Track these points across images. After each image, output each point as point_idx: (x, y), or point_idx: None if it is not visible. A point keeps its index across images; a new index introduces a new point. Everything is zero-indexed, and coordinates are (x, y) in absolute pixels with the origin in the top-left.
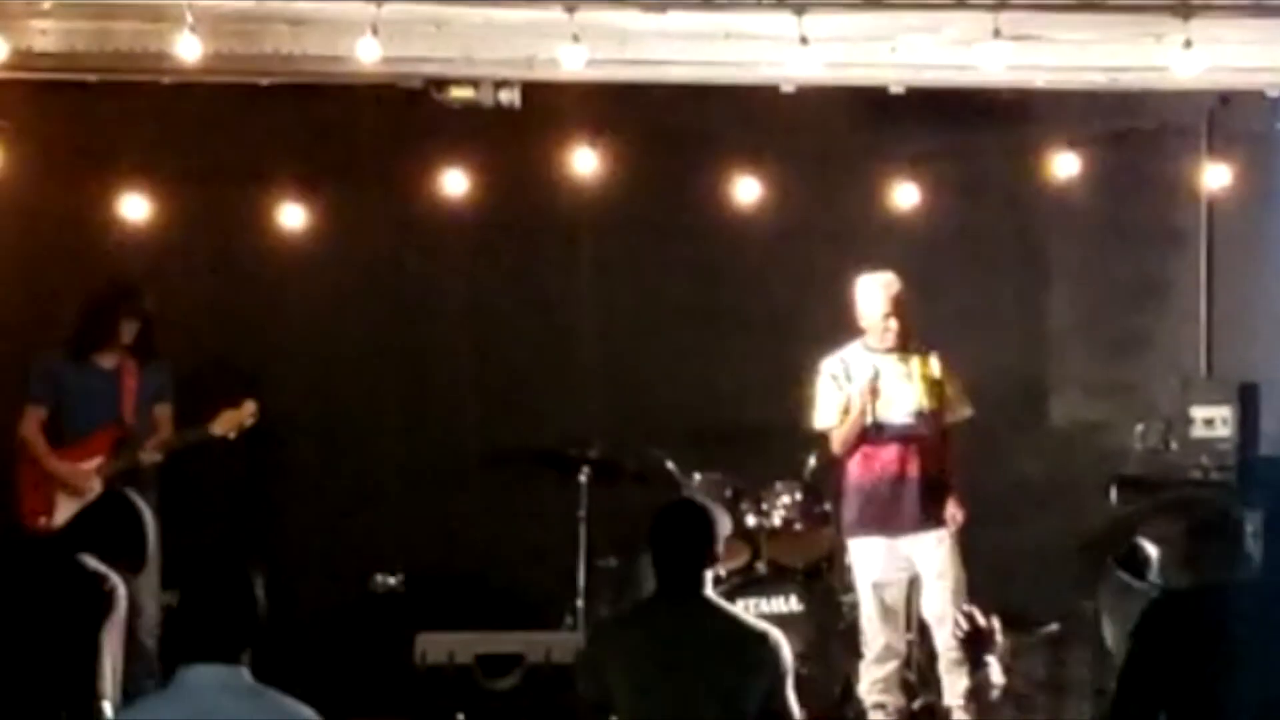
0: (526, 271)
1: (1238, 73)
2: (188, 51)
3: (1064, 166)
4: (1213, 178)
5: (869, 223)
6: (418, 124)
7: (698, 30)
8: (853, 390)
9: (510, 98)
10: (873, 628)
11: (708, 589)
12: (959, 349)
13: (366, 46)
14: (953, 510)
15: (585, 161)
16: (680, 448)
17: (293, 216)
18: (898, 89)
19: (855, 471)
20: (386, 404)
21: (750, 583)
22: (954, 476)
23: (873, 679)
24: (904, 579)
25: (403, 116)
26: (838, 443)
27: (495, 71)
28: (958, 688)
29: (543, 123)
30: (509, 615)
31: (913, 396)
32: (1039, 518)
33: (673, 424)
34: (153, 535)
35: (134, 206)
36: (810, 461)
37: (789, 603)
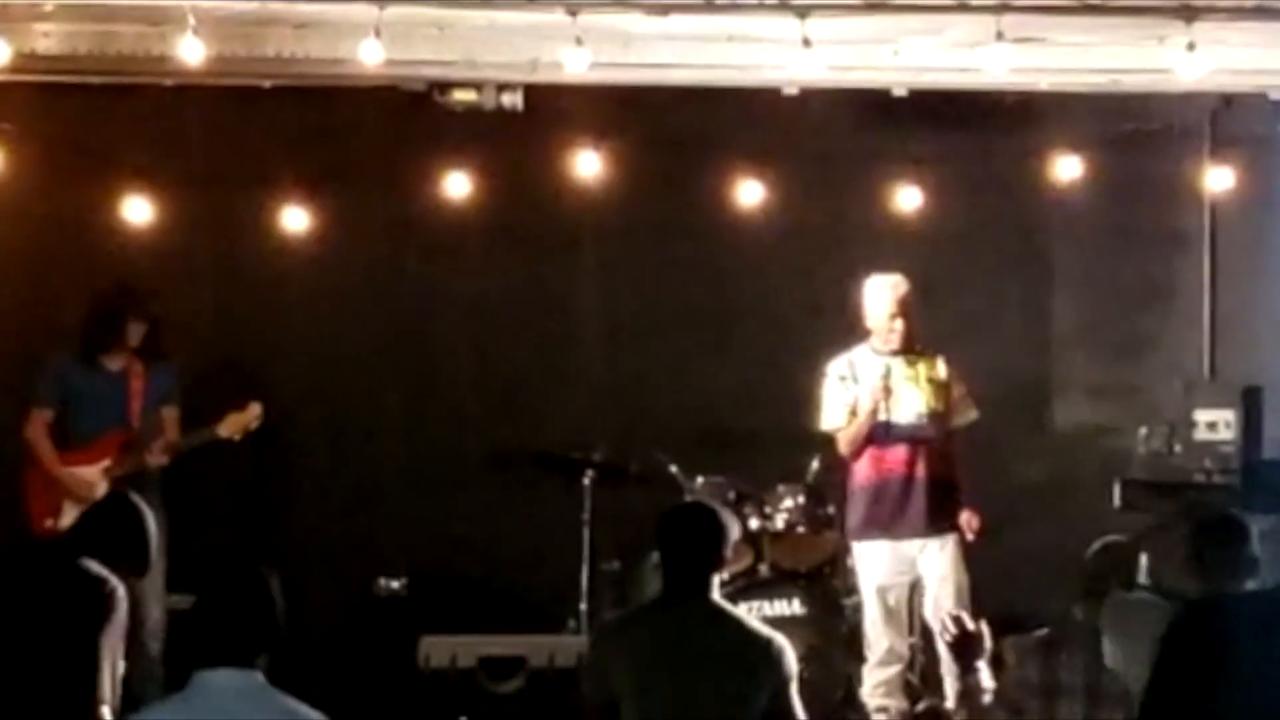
0: (529, 274)
1: (1241, 75)
2: (190, 54)
3: (1067, 169)
4: (1216, 180)
5: (872, 225)
6: (420, 127)
7: (700, 33)
8: (862, 390)
9: (513, 101)
10: (876, 631)
11: (714, 592)
12: (962, 352)
13: (369, 49)
14: (968, 517)
15: (588, 164)
16: (683, 450)
17: (295, 219)
18: (900, 92)
19: (862, 473)
20: (389, 407)
21: (753, 585)
22: (961, 480)
23: (875, 682)
24: (906, 582)
25: (405, 119)
26: (845, 444)
27: (498, 74)
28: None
29: (545, 125)
30: (512, 618)
31: (920, 399)
32: (1041, 520)
33: (676, 427)
34: (155, 539)
35: (137, 209)
36: (813, 464)
37: (791, 606)
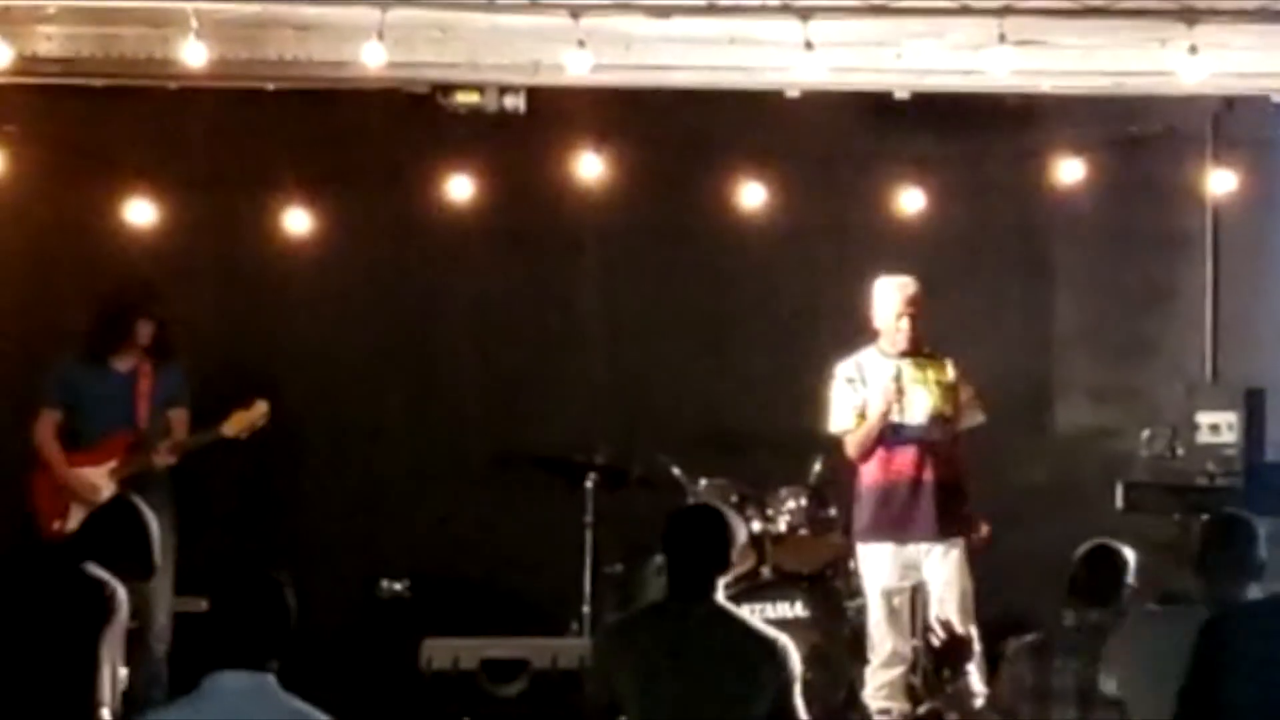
0: (532, 276)
1: (1243, 78)
2: (193, 57)
3: (1069, 171)
4: (1218, 183)
5: (874, 228)
6: (423, 129)
7: (702, 35)
8: (870, 393)
9: (515, 103)
10: (880, 632)
11: (719, 594)
12: (963, 354)
13: (372, 51)
14: (985, 530)
15: (590, 166)
16: (686, 453)
17: (298, 221)
18: (903, 94)
19: (870, 475)
20: (392, 409)
21: (755, 588)
22: (968, 484)
23: (877, 684)
24: (911, 585)
25: (408, 121)
26: (854, 446)
27: (500, 77)
28: None
29: (548, 128)
30: (515, 621)
31: (929, 401)
32: (1043, 523)
33: (679, 429)
34: (158, 542)
35: (139, 211)
36: (815, 466)
37: (794, 608)
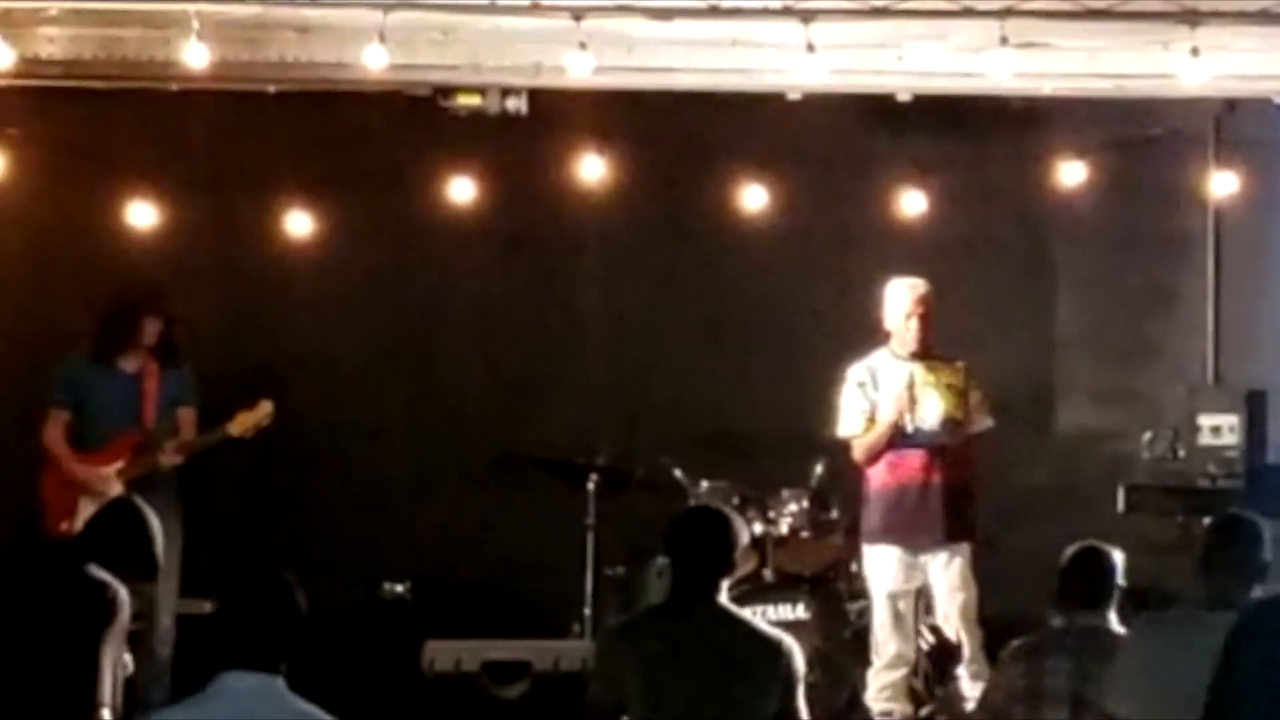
0: (534, 278)
1: (1244, 80)
2: (194, 59)
3: (1071, 174)
4: (1220, 185)
5: (876, 230)
6: (424, 131)
7: (704, 37)
8: (882, 397)
9: (517, 105)
10: (884, 635)
11: (722, 596)
12: (965, 356)
13: (373, 54)
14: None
15: (592, 168)
16: (688, 455)
17: (300, 223)
18: (905, 96)
19: (879, 478)
20: (394, 411)
21: (757, 590)
22: (977, 488)
23: (880, 685)
24: (916, 589)
25: (409, 124)
26: (863, 450)
27: (502, 79)
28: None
29: (549, 130)
30: (517, 623)
31: (939, 405)
32: (1045, 525)
33: (680, 431)
34: (160, 542)
35: (141, 213)
36: (817, 469)
37: (796, 610)
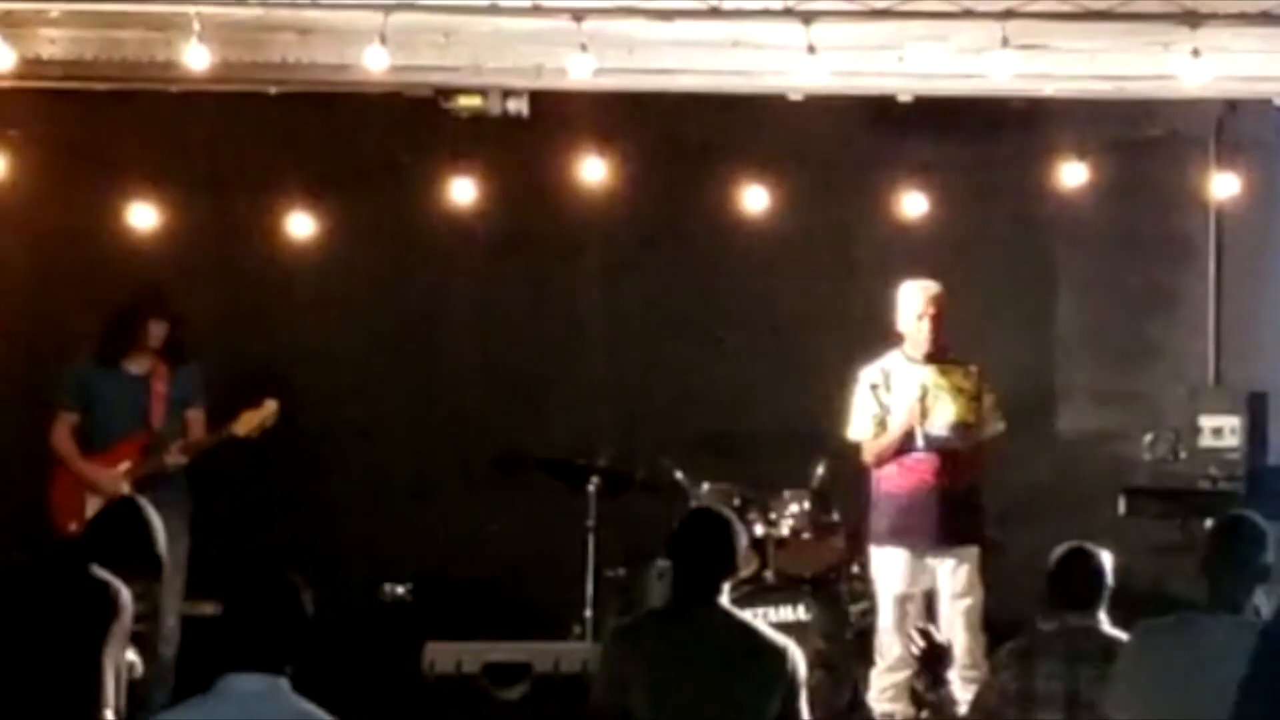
0: (535, 280)
1: (1245, 81)
2: (196, 60)
3: (1072, 175)
4: (1221, 186)
5: (877, 231)
6: (425, 132)
7: (705, 39)
8: (894, 400)
9: (518, 107)
10: (888, 637)
11: (724, 599)
12: (966, 357)
13: (374, 55)
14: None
15: (593, 170)
16: (689, 456)
17: (300, 225)
18: (906, 98)
19: (888, 481)
20: (394, 412)
21: (758, 592)
22: (983, 491)
23: (882, 686)
24: (923, 592)
25: (410, 125)
26: (871, 455)
27: (503, 80)
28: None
29: (550, 131)
30: (517, 624)
31: (951, 409)
32: (1046, 527)
33: (681, 433)
34: (164, 541)
35: (142, 214)
36: (818, 470)
37: (797, 612)
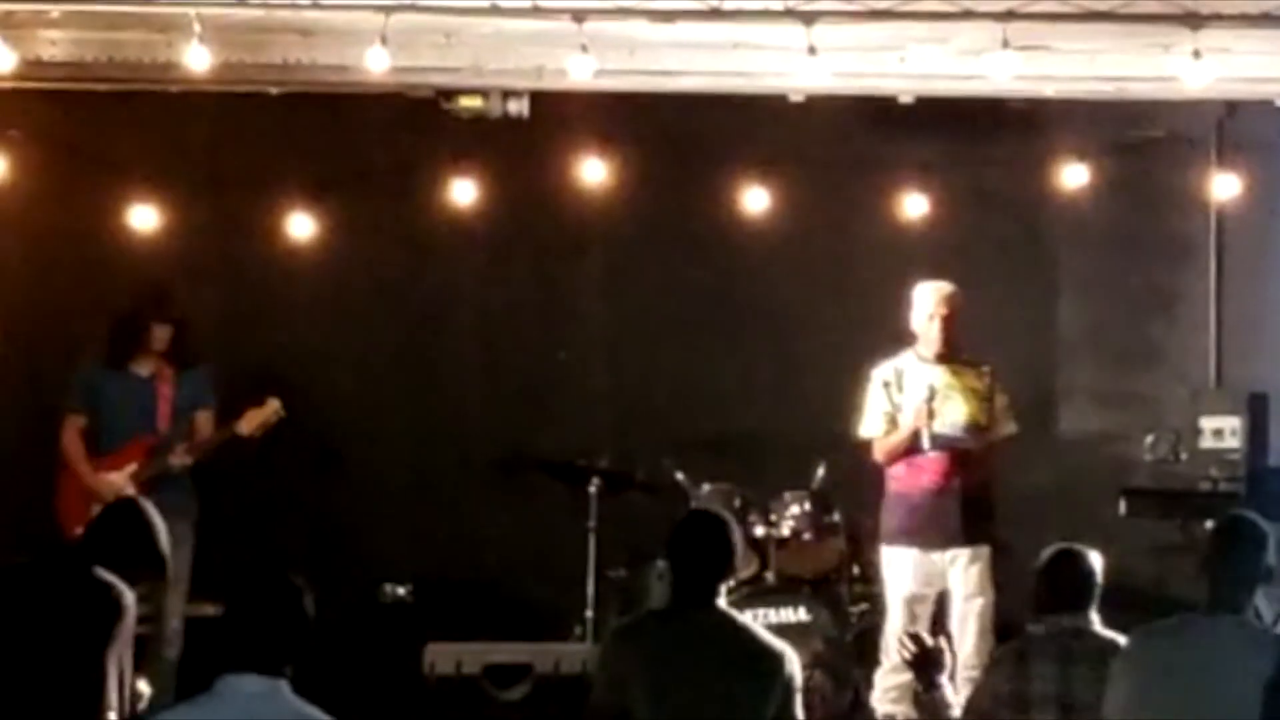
0: (536, 281)
1: (1246, 83)
2: (196, 61)
3: (1072, 176)
4: (1222, 188)
5: (878, 233)
6: (426, 134)
7: (706, 40)
8: (905, 399)
9: (519, 108)
10: (895, 638)
11: (721, 601)
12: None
13: (375, 56)
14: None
15: (594, 171)
16: (689, 457)
17: (301, 226)
18: (906, 99)
19: (899, 481)
20: (395, 413)
21: (759, 593)
22: (997, 493)
23: (886, 687)
24: (934, 594)
25: (411, 126)
26: (881, 453)
27: (504, 81)
28: None
29: (551, 132)
30: (518, 625)
31: (963, 409)
32: (1047, 528)
33: (682, 434)
34: (165, 541)
35: (143, 216)
36: (819, 471)
37: (797, 613)
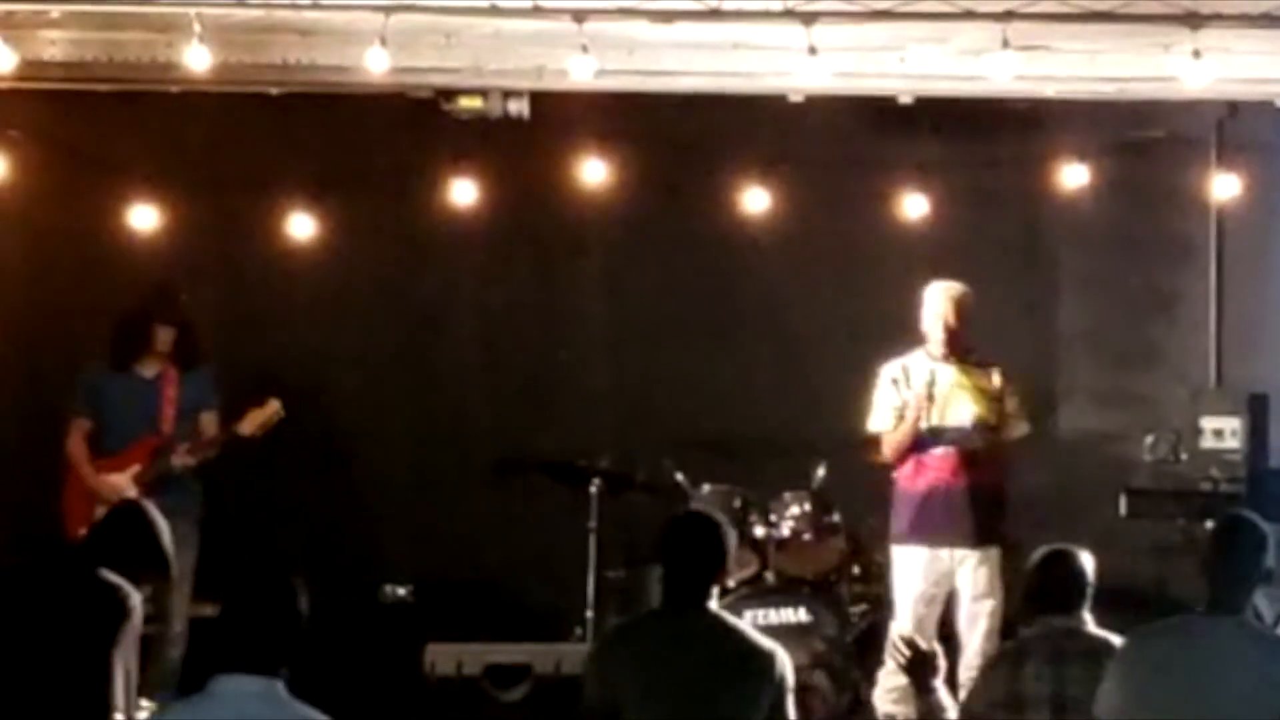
0: (536, 281)
1: (1247, 83)
2: (197, 61)
3: (1072, 177)
4: (1222, 188)
5: (878, 233)
6: (426, 134)
7: (706, 40)
8: (913, 395)
9: (519, 108)
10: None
11: (712, 602)
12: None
13: (375, 57)
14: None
15: (594, 171)
16: (689, 458)
17: (301, 226)
18: (906, 99)
19: (907, 479)
20: (395, 414)
21: (758, 593)
22: (1008, 494)
23: (889, 687)
24: (943, 594)
25: (411, 126)
26: (888, 448)
27: (504, 82)
28: None
29: (551, 133)
30: (518, 626)
31: (970, 407)
32: (1047, 529)
33: (682, 434)
34: (169, 542)
35: (143, 216)
36: (819, 472)
37: (797, 613)
